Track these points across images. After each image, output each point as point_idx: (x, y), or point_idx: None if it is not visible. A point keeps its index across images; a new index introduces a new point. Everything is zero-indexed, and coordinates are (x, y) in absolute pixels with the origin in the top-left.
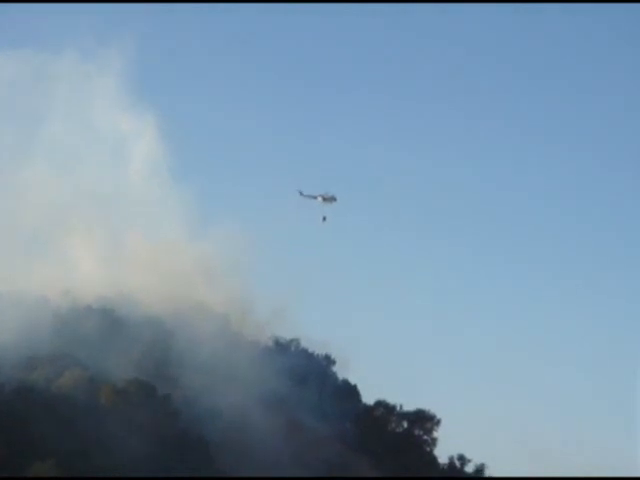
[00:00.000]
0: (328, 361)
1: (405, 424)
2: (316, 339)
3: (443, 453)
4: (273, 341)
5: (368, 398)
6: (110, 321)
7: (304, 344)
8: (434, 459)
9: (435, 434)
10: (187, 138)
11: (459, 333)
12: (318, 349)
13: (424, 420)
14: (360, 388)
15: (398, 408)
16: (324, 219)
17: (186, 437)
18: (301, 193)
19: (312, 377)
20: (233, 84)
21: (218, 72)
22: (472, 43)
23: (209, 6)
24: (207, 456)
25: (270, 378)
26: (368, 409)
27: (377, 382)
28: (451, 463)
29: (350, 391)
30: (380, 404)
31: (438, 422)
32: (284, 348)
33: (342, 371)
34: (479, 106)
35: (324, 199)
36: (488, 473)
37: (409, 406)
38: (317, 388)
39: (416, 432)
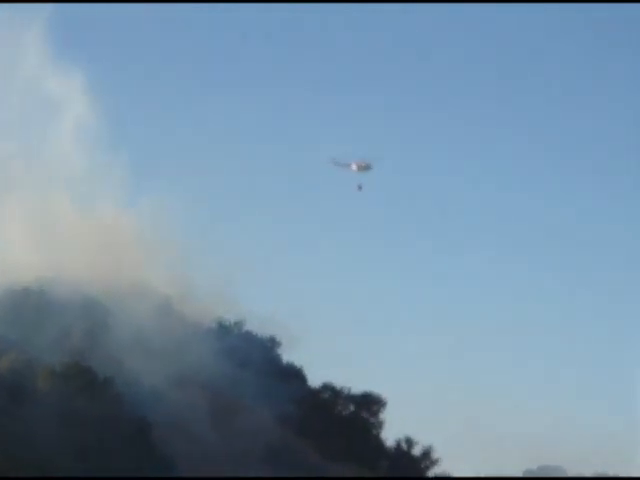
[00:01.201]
0: (273, 343)
1: (352, 407)
2: (262, 321)
3: (391, 436)
4: (216, 322)
5: (315, 381)
6: (46, 302)
7: (249, 326)
8: (381, 442)
9: (382, 417)
10: (123, 102)
11: (414, 314)
12: (263, 331)
13: (371, 403)
14: (307, 371)
15: (345, 391)
16: (360, 188)
17: (128, 421)
18: (334, 161)
19: (256, 359)
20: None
21: (158, 33)
22: (472, 43)
23: None
24: (149, 441)
25: (212, 360)
26: (314, 392)
27: (326, 364)
28: (398, 446)
29: (296, 374)
30: (327, 387)
31: (384, 405)
32: (228, 330)
33: (288, 353)
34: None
35: (359, 167)
36: (435, 456)
37: (358, 388)
38: (261, 371)
39: (363, 415)
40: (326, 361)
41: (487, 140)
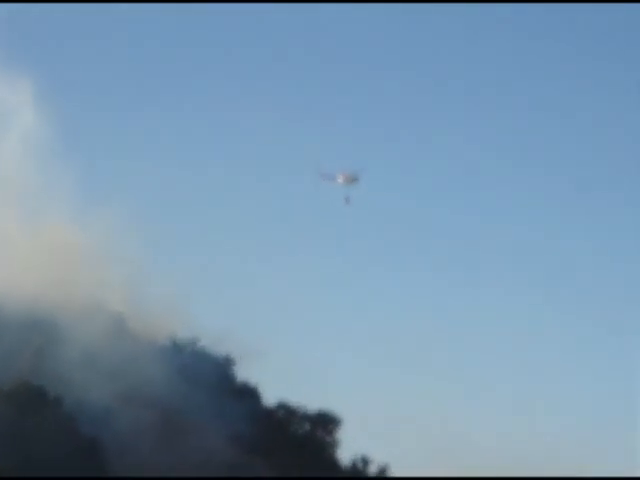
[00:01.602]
0: (228, 361)
1: (307, 426)
2: (217, 338)
3: (347, 455)
4: (170, 340)
5: (271, 399)
6: None
7: (204, 343)
8: (336, 461)
9: (338, 435)
10: (74, 111)
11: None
12: (218, 348)
13: (326, 422)
14: (263, 389)
15: (301, 410)
16: (347, 201)
17: (78, 440)
18: (320, 173)
19: (210, 377)
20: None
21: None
22: (472, 44)
23: None
24: (99, 460)
25: (164, 379)
26: (269, 411)
27: (282, 382)
28: (354, 464)
29: (250, 392)
30: (282, 406)
31: (340, 423)
32: (181, 347)
33: (243, 371)
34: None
35: (346, 180)
36: (392, 474)
37: (314, 407)
38: (214, 389)
39: (318, 434)
40: (283, 379)
41: (479, 155)
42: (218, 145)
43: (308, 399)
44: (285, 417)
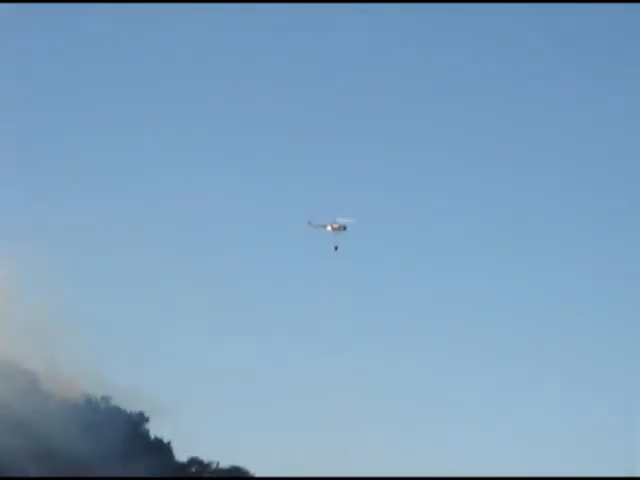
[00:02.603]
0: (141, 418)
1: None
2: (129, 395)
3: None
4: (83, 398)
5: (184, 455)
6: None
7: (117, 401)
8: None
9: None
10: None
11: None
12: (132, 406)
13: (238, 477)
14: (176, 445)
15: (214, 465)
16: (336, 249)
17: None
18: (310, 223)
19: (123, 434)
20: None
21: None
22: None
23: None
24: None
25: (77, 436)
26: (181, 466)
27: (196, 438)
28: None
29: (163, 449)
30: (194, 461)
31: (252, 478)
32: (95, 405)
33: (157, 428)
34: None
35: (333, 228)
36: None
37: (227, 462)
38: (127, 445)
39: None
40: (196, 435)
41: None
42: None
43: (220, 455)
44: (197, 472)
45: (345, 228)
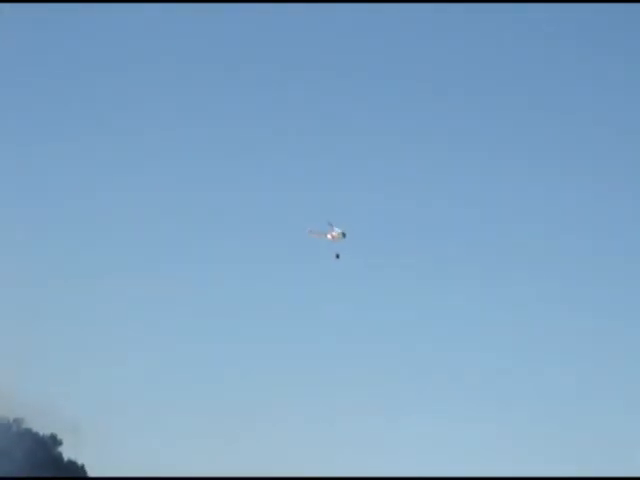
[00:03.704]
0: (54, 441)
1: None
2: (41, 417)
3: None
4: None
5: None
6: None
7: (30, 424)
8: None
9: None
10: None
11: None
12: (44, 429)
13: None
14: (89, 465)
15: None
16: (337, 257)
17: None
18: (311, 231)
19: (35, 457)
20: None
21: None
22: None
23: None
24: None
25: None
26: None
27: (111, 460)
28: None
29: (76, 470)
30: None
31: None
32: (6, 428)
33: (70, 450)
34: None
35: (333, 237)
36: None
37: None
38: (40, 468)
39: None
40: (111, 457)
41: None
42: None
43: (134, 473)
44: None
45: (345, 235)
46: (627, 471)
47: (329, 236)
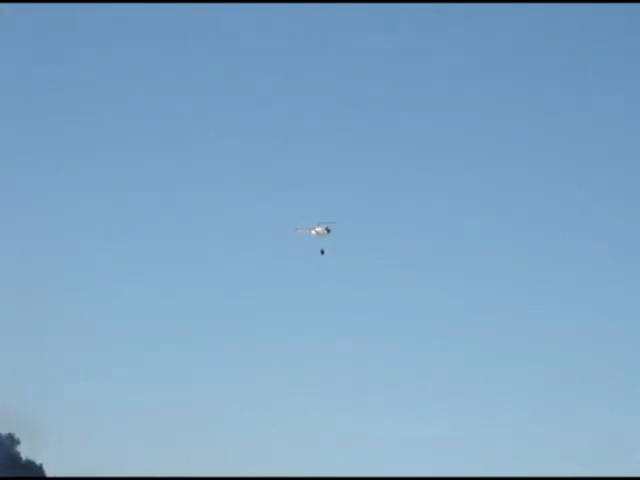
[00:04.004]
0: (12, 440)
1: None
2: (0, 417)
3: None
4: None
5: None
6: None
7: None
8: None
9: None
10: None
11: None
12: (1, 428)
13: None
14: (48, 465)
15: None
16: (322, 252)
17: None
18: (297, 229)
19: None
20: None
21: None
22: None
23: None
24: None
25: None
26: None
27: (70, 459)
28: None
29: (34, 470)
30: None
31: None
32: None
33: (28, 450)
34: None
35: (317, 232)
36: None
37: None
38: None
39: None
40: (70, 457)
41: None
42: None
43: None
44: None
45: (329, 231)
46: (627, 471)
47: (313, 232)
